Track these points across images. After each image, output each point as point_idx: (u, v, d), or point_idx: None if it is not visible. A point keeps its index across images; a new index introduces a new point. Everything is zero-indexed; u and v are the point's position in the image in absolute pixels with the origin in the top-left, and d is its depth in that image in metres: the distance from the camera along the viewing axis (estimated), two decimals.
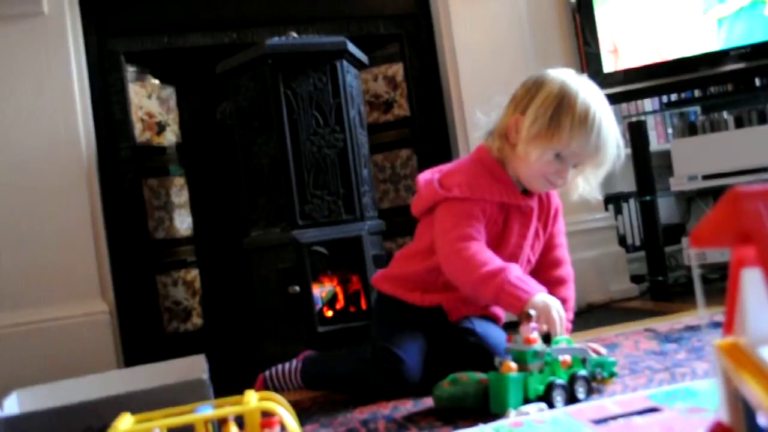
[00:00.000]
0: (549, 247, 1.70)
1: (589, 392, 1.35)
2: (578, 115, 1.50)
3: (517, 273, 1.46)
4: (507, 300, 1.44)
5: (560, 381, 1.32)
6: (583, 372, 1.35)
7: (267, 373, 1.78)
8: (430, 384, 1.44)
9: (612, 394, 1.34)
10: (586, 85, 1.55)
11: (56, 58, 2.24)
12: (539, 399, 1.30)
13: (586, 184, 1.62)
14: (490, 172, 1.60)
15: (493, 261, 1.49)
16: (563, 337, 1.39)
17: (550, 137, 1.51)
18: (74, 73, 2.26)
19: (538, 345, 1.33)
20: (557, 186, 1.60)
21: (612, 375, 1.40)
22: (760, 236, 0.55)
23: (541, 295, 1.42)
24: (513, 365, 1.30)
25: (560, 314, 1.41)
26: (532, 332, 1.33)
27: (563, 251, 1.72)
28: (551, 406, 1.29)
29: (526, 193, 1.63)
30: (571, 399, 1.32)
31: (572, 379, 1.33)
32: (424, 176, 1.69)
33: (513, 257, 1.60)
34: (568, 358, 1.35)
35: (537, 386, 1.31)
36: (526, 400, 1.29)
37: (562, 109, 1.51)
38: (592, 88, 1.56)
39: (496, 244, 1.59)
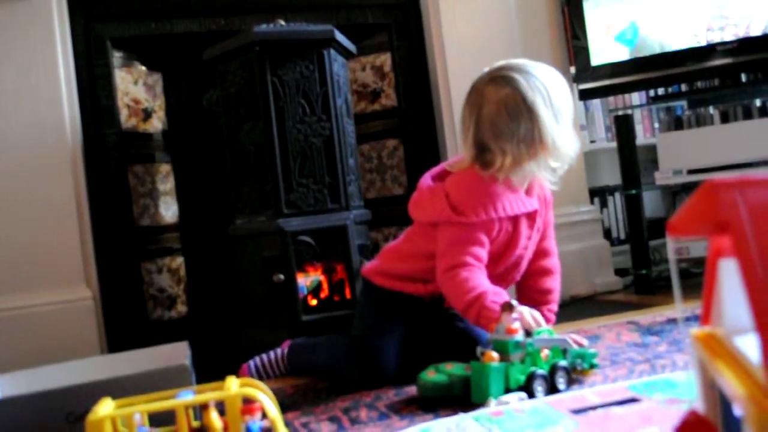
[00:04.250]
0: (539, 237, 1.70)
1: (570, 383, 1.36)
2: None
3: (492, 297, 1.47)
4: (485, 323, 1.45)
5: (541, 371, 1.33)
6: (563, 363, 1.36)
7: (251, 362, 1.78)
8: (413, 373, 1.45)
9: (592, 384, 1.35)
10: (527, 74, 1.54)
11: (42, 42, 2.22)
12: (520, 389, 1.31)
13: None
14: (499, 187, 1.57)
15: (477, 287, 1.49)
16: (545, 328, 1.40)
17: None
18: (60, 58, 2.24)
19: (520, 335, 1.34)
20: None
21: (592, 366, 1.42)
22: (736, 226, 0.55)
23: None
24: (495, 355, 1.31)
25: (533, 314, 1.42)
26: (513, 323, 1.34)
27: (551, 243, 1.72)
28: (532, 396, 1.30)
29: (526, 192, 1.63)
30: (552, 389, 1.33)
31: (553, 370, 1.34)
32: (428, 183, 1.66)
33: (519, 257, 1.63)
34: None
35: (518, 376, 1.32)
36: (507, 390, 1.30)
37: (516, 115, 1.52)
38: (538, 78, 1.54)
39: (506, 248, 1.60)
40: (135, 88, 2.46)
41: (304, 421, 1.35)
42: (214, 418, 1.00)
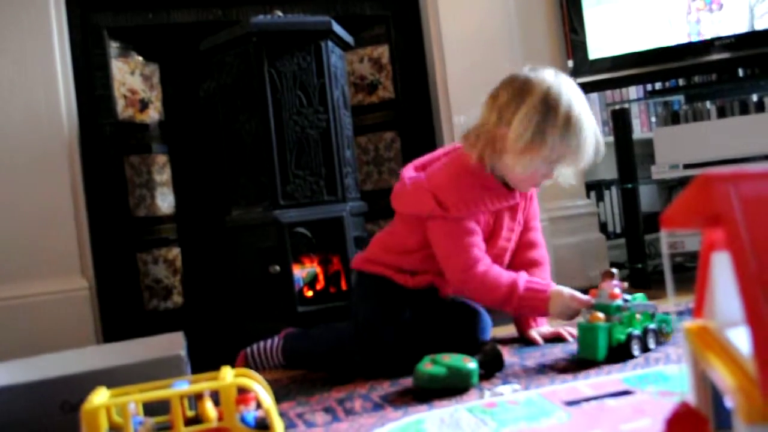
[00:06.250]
0: (524, 229, 1.73)
1: (657, 343, 1.50)
2: (561, 125, 1.52)
3: (523, 283, 1.56)
4: (530, 309, 1.59)
5: (637, 332, 1.46)
6: (653, 325, 1.49)
7: (248, 349, 1.79)
8: (412, 363, 1.45)
9: (586, 376, 1.36)
10: (567, 88, 1.56)
11: (38, 32, 2.21)
12: (619, 346, 1.43)
13: (560, 174, 1.64)
14: (479, 182, 1.61)
15: (501, 278, 1.57)
16: (639, 294, 1.53)
17: (537, 150, 1.53)
18: (56, 48, 2.23)
19: (621, 300, 1.47)
20: (540, 184, 1.66)
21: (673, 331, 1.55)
22: (729, 219, 0.56)
23: (555, 288, 1.56)
24: (601, 315, 1.45)
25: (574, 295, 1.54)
26: (615, 288, 1.48)
27: (538, 234, 1.76)
28: (629, 354, 1.43)
29: (510, 186, 1.65)
30: (644, 349, 1.47)
31: (644, 332, 1.47)
32: (410, 174, 1.68)
33: (503, 249, 1.67)
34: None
35: (619, 336, 1.44)
36: (610, 348, 1.43)
37: (547, 122, 1.52)
38: (572, 90, 1.57)
39: (488, 242, 1.64)
40: (132, 78, 2.46)
41: (299, 411, 1.35)
42: (209, 407, 1.01)
